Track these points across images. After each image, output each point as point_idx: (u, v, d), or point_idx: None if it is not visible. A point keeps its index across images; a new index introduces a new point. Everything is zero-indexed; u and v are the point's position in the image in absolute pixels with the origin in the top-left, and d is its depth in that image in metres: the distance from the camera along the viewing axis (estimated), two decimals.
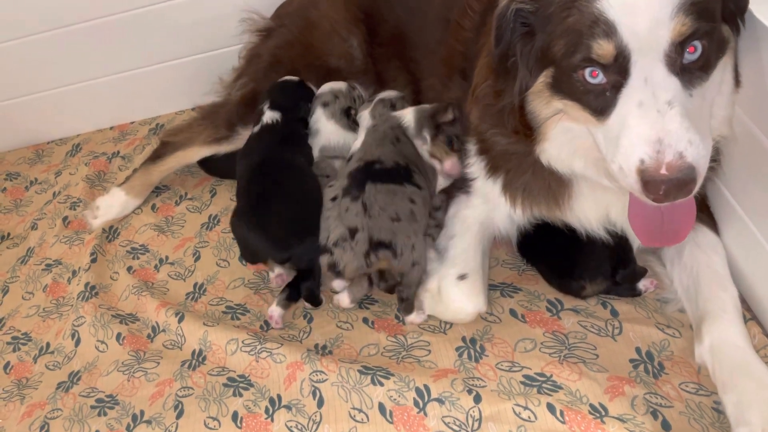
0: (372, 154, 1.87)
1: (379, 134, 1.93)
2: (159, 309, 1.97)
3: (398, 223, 1.73)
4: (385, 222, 1.72)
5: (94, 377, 1.90)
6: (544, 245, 1.76)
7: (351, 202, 1.77)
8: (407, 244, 1.71)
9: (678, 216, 1.38)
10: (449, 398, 1.55)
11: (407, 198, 1.77)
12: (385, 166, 1.83)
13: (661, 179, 1.18)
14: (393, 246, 1.71)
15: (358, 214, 1.74)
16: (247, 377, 1.76)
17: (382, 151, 1.87)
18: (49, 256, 2.36)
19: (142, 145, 2.72)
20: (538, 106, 1.45)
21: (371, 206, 1.74)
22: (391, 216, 1.73)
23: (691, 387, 1.50)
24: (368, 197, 1.75)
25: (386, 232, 1.71)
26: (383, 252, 1.71)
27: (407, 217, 1.74)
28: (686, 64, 1.22)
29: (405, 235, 1.72)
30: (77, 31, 2.61)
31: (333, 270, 1.81)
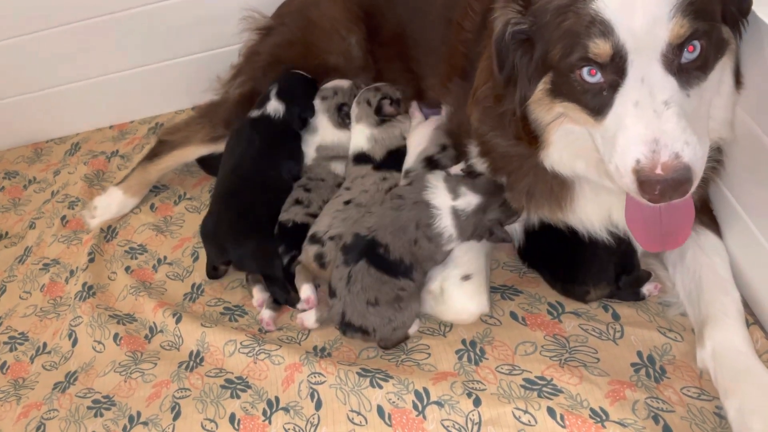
0: (383, 236, 1.70)
1: (401, 222, 1.71)
2: (156, 309, 1.96)
3: (374, 307, 1.65)
4: (359, 304, 1.65)
5: (91, 378, 1.88)
6: (547, 251, 1.75)
7: (342, 264, 1.69)
8: (382, 322, 1.66)
9: (676, 219, 1.37)
10: (449, 401, 1.53)
11: (397, 288, 1.67)
12: (388, 256, 1.68)
13: (656, 179, 1.17)
14: (364, 328, 1.66)
15: (342, 280, 1.67)
16: (245, 379, 1.75)
17: (394, 243, 1.69)
18: (47, 255, 2.35)
19: (141, 144, 2.70)
20: (539, 113, 1.45)
21: (354, 282, 1.65)
22: (369, 299, 1.64)
23: (692, 391, 1.49)
24: (356, 271, 1.66)
25: (358, 315, 1.65)
26: (352, 332, 1.68)
27: (388, 302, 1.65)
28: (684, 64, 1.21)
29: (380, 316, 1.65)
30: (77, 30, 2.60)
31: (318, 260, 1.81)
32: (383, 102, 2.08)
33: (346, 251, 1.71)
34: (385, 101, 2.09)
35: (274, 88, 2.16)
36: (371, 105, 2.08)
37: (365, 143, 2.06)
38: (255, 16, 2.48)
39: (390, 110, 2.07)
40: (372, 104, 2.08)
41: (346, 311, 1.66)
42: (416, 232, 1.71)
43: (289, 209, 1.96)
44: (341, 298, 1.67)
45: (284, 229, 1.92)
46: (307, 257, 1.84)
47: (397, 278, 1.68)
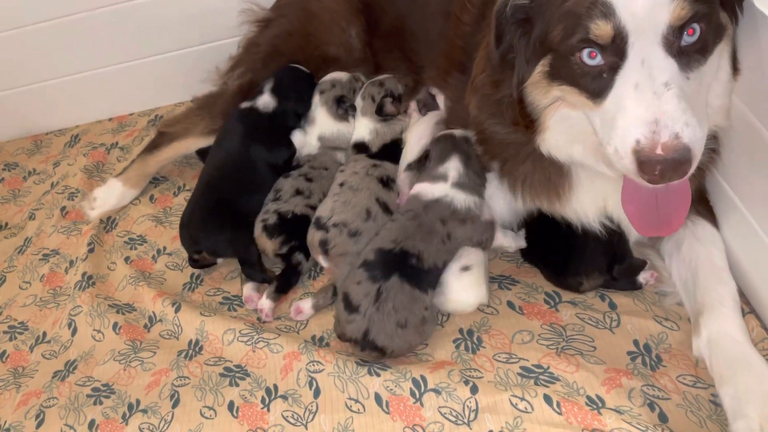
0: (413, 245, 1.66)
1: (426, 225, 1.70)
2: (156, 299, 1.97)
3: (402, 330, 1.60)
4: (389, 326, 1.59)
5: (91, 366, 1.89)
6: (540, 244, 1.77)
7: (367, 279, 1.63)
8: (402, 346, 1.63)
9: (672, 205, 1.38)
10: (446, 389, 1.54)
11: (424, 307, 1.64)
12: (422, 266, 1.65)
13: (656, 159, 1.18)
14: (385, 349, 1.61)
15: (368, 296, 1.60)
16: (243, 367, 1.76)
17: (426, 248, 1.67)
18: (46, 246, 2.35)
19: (140, 136, 2.71)
20: (537, 96, 1.45)
21: (385, 300, 1.60)
22: (399, 322, 1.60)
23: (688, 379, 1.50)
24: (388, 288, 1.61)
25: (386, 337, 1.60)
26: (372, 353, 1.62)
27: (415, 325, 1.62)
28: (684, 47, 1.22)
29: (404, 339, 1.62)
30: (76, 22, 2.60)
31: (322, 246, 1.82)
32: (385, 101, 2.09)
33: (369, 268, 1.65)
34: (387, 99, 2.10)
35: (269, 83, 2.17)
36: (375, 101, 2.10)
37: (367, 135, 2.09)
38: (254, 9, 2.49)
39: (391, 110, 2.09)
40: (375, 101, 2.10)
41: (370, 330, 1.59)
42: (444, 227, 1.70)
43: (290, 200, 1.97)
44: (366, 315, 1.59)
45: (284, 220, 1.92)
46: (312, 239, 1.85)
47: (426, 293, 1.64)
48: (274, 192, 2.02)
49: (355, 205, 1.85)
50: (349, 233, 1.81)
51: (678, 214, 1.38)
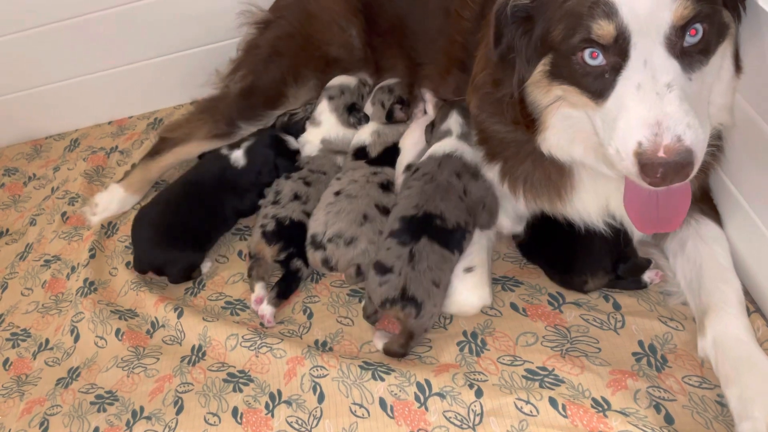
0: (435, 206, 1.71)
1: (443, 184, 1.76)
2: (158, 304, 1.96)
3: (437, 288, 1.64)
4: (426, 282, 1.62)
5: (94, 373, 1.89)
6: (544, 243, 1.76)
7: (396, 245, 1.67)
8: (432, 310, 1.64)
9: (673, 202, 1.37)
10: (450, 393, 1.54)
11: (450, 267, 1.68)
12: (446, 226, 1.70)
13: (658, 162, 1.17)
14: (422, 305, 1.61)
15: (401, 258, 1.64)
16: (247, 372, 1.75)
17: (447, 207, 1.72)
18: (47, 252, 2.35)
19: (140, 139, 2.70)
20: (537, 95, 1.44)
21: (419, 260, 1.63)
22: (434, 280, 1.63)
23: (694, 380, 1.49)
24: (419, 250, 1.64)
25: (423, 292, 1.61)
26: (410, 308, 1.61)
27: (444, 286, 1.66)
28: (686, 47, 1.21)
29: (433, 303, 1.64)
30: (74, 26, 2.58)
31: (326, 265, 1.83)
32: (395, 107, 2.11)
33: (396, 235, 1.69)
34: (397, 106, 2.11)
35: (250, 142, 2.16)
36: (384, 107, 2.11)
37: (368, 138, 2.08)
38: (252, 10, 2.48)
39: (401, 116, 2.11)
40: (385, 107, 2.11)
41: (409, 285, 1.61)
42: (460, 181, 1.76)
43: (287, 204, 1.96)
44: (401, 273, 1.62)
45: (281, 227, 1.92)
46: (315, 262, 1.86)
47: (453, 253, 1.69)
48: (273, 194, 2.01)
49: (349, 212, 1.84)
50: (345, 243, 1.81)
51: (679, 213, 1.38)
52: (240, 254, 2.12)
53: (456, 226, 1.71)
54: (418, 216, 1.71)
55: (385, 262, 1.66)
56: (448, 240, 1.69)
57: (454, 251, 1.69)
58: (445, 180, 1.77)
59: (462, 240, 1.72)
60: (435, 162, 1.82)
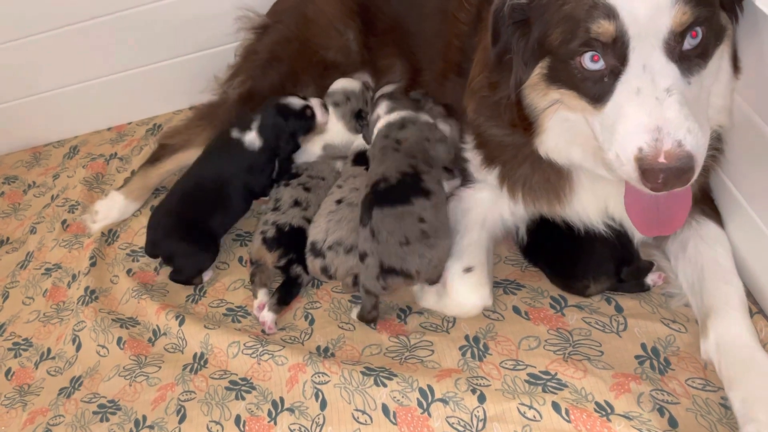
0: (375, 173, 1.78)
1: (377, 153, 1.84)
2: (159, 312, 1.96)
3: (407, 246, 1.64)
4: (393, 247, 1.64)
5: (96, 382, 1.88)
6: (546, 247, 1.75)
7: (362, 228, 1.71)
8: (422, 262, 1.64)
9: (674, 204, 1.36)
10: (453, 398, 1.53)
11: (416, 218, 1.67)
12: (390, 182, 1.73)
13: (659, 168, 1.16)
14: (405, 270, 1.64)
15: (367, 239, 1.68)
16: (249, 380, 1.75)
17: (386, 166, 1.78)
18: (48, 260, 2.34)
19: (139, 146, 2.69)
20: (534, 98, 1.43)
21: (379, 232, 1.66)
22: (400, 240, 1.64)
23: (698, 383, 1.49)
24: (375, 223, 1.67)
25: (395, 258, 1.64)
26: (393, 278, 1.65)
27: (417, 238, 1.65)
28: (685, 51, 1.20)
29: (417, 255, 1.64)
30: (71, 33, 2.58)
31: (325, 273, 1.82)
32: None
33: (360, 221, 1.73)
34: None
35: (257, 122, 2.12)
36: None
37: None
38: (250, 15, 2.47)
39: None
40: None
41: (383, 260, 1.64)
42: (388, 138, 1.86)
43: (288, 211, 1.95)
44: (372, 253, 1.66)
45: (281, 233, 1.91)
46: (314, 270, 1.85)
47: (409, 203, 1.68)
48: (273, 201, 2.01)
49: (350, 221, 1.83)
50: (345, 251, 1.80)
51: (679, 215, 1.37)
52: (241, 260, 2.12)
53: (401, 177, 1.74)
54: (367, 193, 1.75)
55: (361, 250, 1.71)
56: (397, 195, 1.71)
57: (412, 200, 1.69)
58: (378, 148, 1.86)
59: (419, 183, 1.73)
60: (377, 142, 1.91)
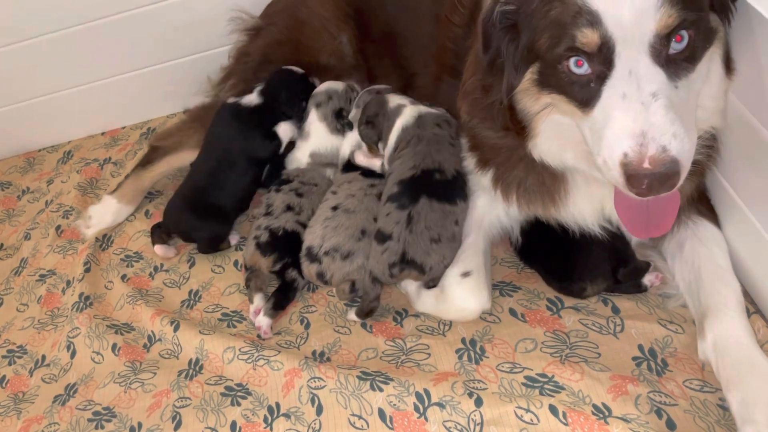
0: (432, 161, 1.76)
1: (432, 138, 1.81)
2: (154, 318, 1.95)
3: (437, 244, 1.67)
4: (424, 243, 1.66)
5: (91, 389, 1.87)
6: (542, 249, 1.74)
7: (396, 209, 1.70)
8: (438, 261, 1.68)
9: (662, 206, 1.36)
10: (450, 402, 1.52)
11: (455, 220, 1.71)
12: (446, 176, 1.74)
13: (644, 173, 1.16)
14: (423, 266, 1.67)
15: (399, 223, 1.68)
16: (245, 386, 1.74)
17: (443, 157, 1.77)
18: (42, 266, 2.33)
19: (133, 150, 2.68)
20: (527, 103, 1.43)
21: (417, 222, 1.67)
22: (433, 237, 1.67)
23: (695, 384, 1.48)
24: (418, 211, 1.68)
25: (422, 253, 1.66)
26: (410, 270, 1.67)
27: (448, 238, 1.69)
28: (672, 55, 1.20)
29: (440, 254, 1.68)
30: (64, 37, 2.57)
31: (321, 279, 1.81)
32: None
33: (395, 198, 1.72)
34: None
35: (260, 86, 2.17)
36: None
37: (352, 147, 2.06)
38: (243, 17, 2.46)
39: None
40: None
41: (407, 250, 1.65)
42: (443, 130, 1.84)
43: (280, 215, 1.94)
44: (399, 239, 1.66)
45: (275, 237, 1.90)
46: (310, 275, 1.84)
47: (456, 204, 1.72)
48: (265, 206, 1.99)
49: (348, 227, 1.81)
50: (342, 257, 1.78)
51: (668, 216, 1.37)
52: (236, 264, 2.11)
53: (456, 174, 1.75)
54: (416, 176, 1.74)
55: (384, 230, 1.69)
56: (450, 192, 1.72)
57: (457, 201, 1.73)
58: (431, 133, 1.82)
59: (464, 186, 1.77)
60: (413, 127, 1.86)
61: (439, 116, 1.88)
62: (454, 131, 1.85)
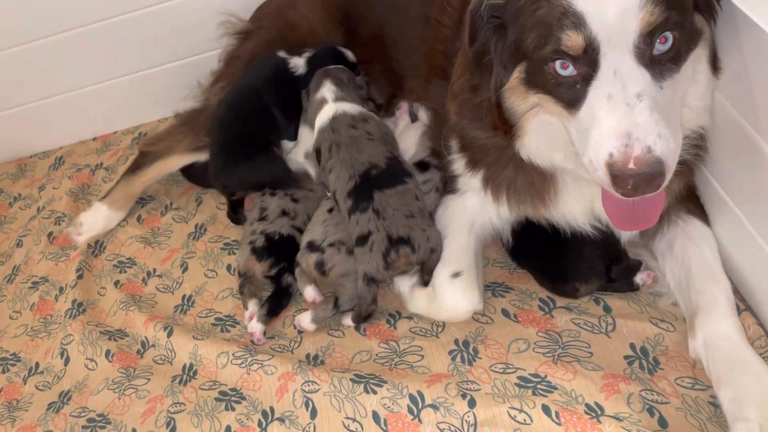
0: (361, 162, 1.82)
1: (349, 142, 1.88)
2: (147, 323, 1.95)
3: (413, 219, 1.73)
4: (401, 220, 1.72)
5: (85, 396, 1.87)
6: (533, 250, 1.74)
7: (360, 215, 1.75)
8: (423, 237, 1.72)
9: (647, 204, 1.37)
10: (444, 404, 1.53)
11: (413, 196, 1.78)
12: (381, 167, 1.81)
13: (629, 174, 1.17)
14: (411, 241, 1.70)
15: (371, 220, 1.72)
16: (239, 390, 1.74)
17: (369, 154, 1.84)
18: (35, 273, 2.33)
19: (125, 155, 2.68)
20: (515, 102, 1.43)
21: (384, 209, 1.73)
22: (406, 214, 1.73)
23: (687, 382, 1.49)
24: (379, 203, 1.74)
25: (403, 228, 1.71)
26: (403, 248, 1.70)
27: (419, 212, 1.75)
28: (656, 56, 1.20)
29: (420, 228, 1.72)
30: (53, 43, 2.57)
31: (319, 268, 1.79)
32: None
33: (354, 208, 1.76)
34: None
35: (309, 53, 2.18)
36: None
37: None
38: (232, 21, 2.45)
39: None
40: None
41: (391, 232, 1.70)
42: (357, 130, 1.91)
43: (275, 220, 1.94)
44: (379, 229, 1.71)
45: (271, 242, 1.90)
46: (307, 265, 1.82)
47: (405, 182, 1.79)
48: (259, 211, 1.99)
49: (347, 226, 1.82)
50: (348, 251, 1.78)
51: (654, 210, 1.38)
52: (229, 268, 2.11)
53: (388, 161, 1.83)
54: (357, 182, 1.80)
55: (361, 232, 1.73)
56: (392, 177, 1.79)
57: (405, 179, 1.80)
58: (346, 136, 1.89)
59: (402, 165, 1.85)
60: (328, 131, 1.93)
61: (354, 117, 1.94)
62: (372, 125, 1.93)
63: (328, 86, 2.02)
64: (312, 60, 2.16)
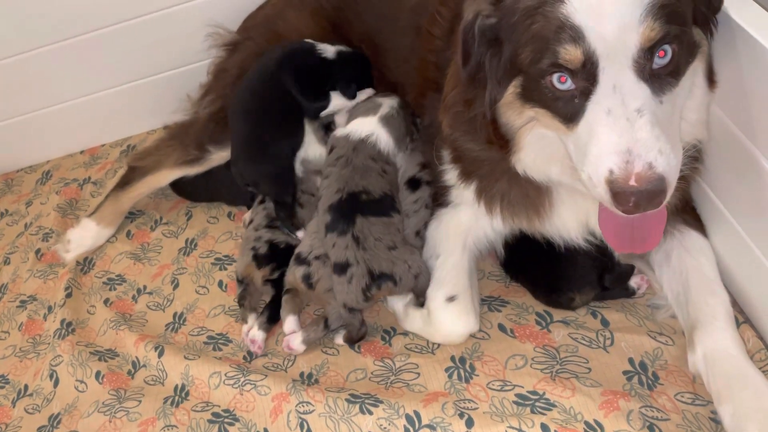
0: (356, 185, 1.78)
1: (360, 167, 1.82)
2: (138, 343, 1.91)
3: (395, 251, 1.68)
4: (383, 253, 1.67)
5: (75, 419, 1.83)
6: (527, 262, 1.73)
7: (338, 237, 1.69)
8: (404, 268, 1.67)
9: (647, 225, 1.35)
10: (440, 424, 1.50)
11: (397, 229, 1.74)
12: (373, 196, 1.77)
13: (630, 191, 1.15)
14: (394, 276, 1.66)
15: (349, 247, 1.67)
16: (232, 411, 1.71)
17: (369, 182, 1.79)
18: (23, 291, 2.29)
19: (113, 169, 2.64)
20: (510, 116, 1.41)
21: (365, 239, 1.67)
22: (388, 245, 1.68)
23: (686, 397, 1.47)
24: (360, 230, 1.68)
25: (386, 262, 1.66)
26: (386, 284, 1.65)
27: (401, 243, 1.71)
28: (656, 70, 1.18)
29: (402, 260, 1.68)
30: (40, 56, 2.53)
31: (306, 281, 1.77)
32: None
33: (332, 227, 1.71)
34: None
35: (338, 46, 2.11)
36: None
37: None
38: (220, 32, 2.42)
39: None
40: None
41: (372, 267, 1.65)
42: (377, 164, 1.84)
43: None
44: (358, 261, 1.65)
45: (276, 250, 1.89)
46: (294, 278, 1.80)
47: (391, 216, 1.74)
48: (266, 218, 1.97)
49: None
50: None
51: (654, 233, 1.36)
52: (221, 285, 2.07)
53: (383, 195, 1.78)
54: (343, 199, 1.75)
55: (338, 260, 1.67)
56: (381, 208, 1.75)
57: (392, 214, 1.75)
58: (361, 163, 1.83)
59: (394, 203, 1.79)
60: (350, 145, 1.87)
61: (381, 152, 1.87)
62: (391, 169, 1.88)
63: (388, 104, 1.96)
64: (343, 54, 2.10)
